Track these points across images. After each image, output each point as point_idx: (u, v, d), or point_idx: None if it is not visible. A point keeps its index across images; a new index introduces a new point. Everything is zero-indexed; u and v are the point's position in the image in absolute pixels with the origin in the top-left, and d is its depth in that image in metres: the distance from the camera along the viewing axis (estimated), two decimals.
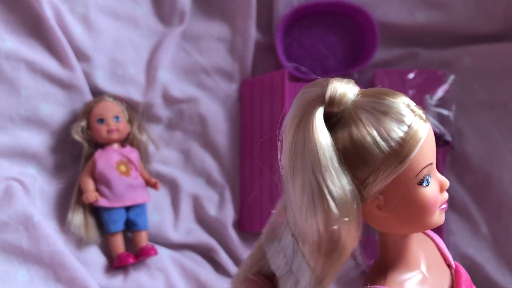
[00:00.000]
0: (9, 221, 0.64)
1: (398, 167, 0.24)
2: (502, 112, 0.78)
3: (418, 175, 0.25)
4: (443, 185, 0.26)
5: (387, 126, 0.24)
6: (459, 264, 0.30)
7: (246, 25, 0.78)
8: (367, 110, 0.25)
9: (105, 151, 0.72)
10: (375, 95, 0.26)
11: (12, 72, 0.69)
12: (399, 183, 0.25)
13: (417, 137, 0.24)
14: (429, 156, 0.25)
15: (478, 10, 0.79)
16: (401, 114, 0.24)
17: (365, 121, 0.25)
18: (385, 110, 0.25)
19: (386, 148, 0.24)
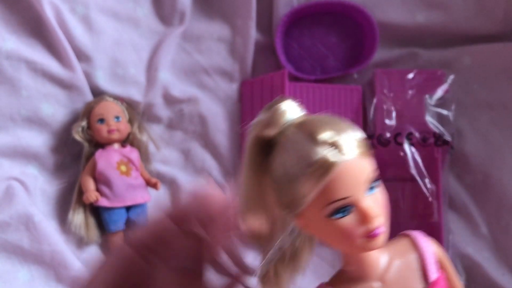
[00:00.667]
0: (10, 221, 0.64)
1: (305, 198, 0.25)
2: (502, 112, 0.78)
3: (328, 208, 0.25)
4: (365, 216, 0.25)
5: (299, 159, 0.24)
6: (441, 280, 0.29)
7: (246, 26, 0.78)
8: (290, 140, 0.25)
9: (105, 151, 0.72)
10: (303, 126, 0.25)
11: (13, 72, 0.69)
12: (310, 212, 0.25)
13: (323, 173, 0.24)
14: (346, 190, 0.24)
15: (478, 11, 0.79)
16: (310, 149, 0.24)
17: (284, 150, 0.25)
18: (302, 142, 0.25)
19: (296, 180, 0.24)
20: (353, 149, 0.25)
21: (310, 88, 0.76)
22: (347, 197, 0.25)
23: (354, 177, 0.25)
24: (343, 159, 0.25)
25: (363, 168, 0.26)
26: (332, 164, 0.24)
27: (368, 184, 0.26)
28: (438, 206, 0.73)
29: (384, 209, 0.27)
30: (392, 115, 0.75)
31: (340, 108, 0.77)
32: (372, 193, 0.26)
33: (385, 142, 0.74)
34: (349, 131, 0.26)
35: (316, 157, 0.24)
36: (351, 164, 0.25)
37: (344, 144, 0.25)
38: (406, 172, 0.74)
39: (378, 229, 0.26)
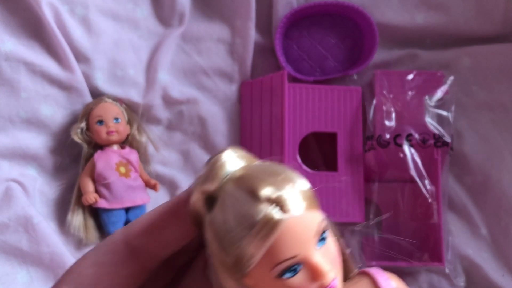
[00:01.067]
0: (9, 222, 0.64)
1: (250, 261, 0.23)
2: (501, 113, 0.78)
3: (275, 269, 0.23)
4: (316, 274, 0.23)
5: (241, 218, 0.23)
6: None
7: (246, 27, 0.78)
8: (230, 196, 0.24)
9: (104, 152, 0.72)
10: (243, 180, 0.24)
11: (12, 73, 0.69)
12: (258, 273, 0.23)
13: (267, 233, 0.22)
14: (293, 249, 0.23)
15: (477, 12, 0.79)
16: (251, 206, 0.23)
17: (224, 207, 0.24)
18: (242, 200, 0.23)
19: (239, 241, 0.23)
20: (298, 203, 0.23)
21: (310, 89, 0.76)
22: (295, 256, 0.23)
23: (301, 234, 0.23)
24: (287, 216, 0.23)
25: (310, 222, 0.24)
26: (276, 223, 0.23)
27: (318, 237, 0.24)
28: (438, 207, 0.73)
29: (336, 260, 0.25)
30: (392, 116, 0.75)
31: (339, 109, 0.77)
32: (322, 245, 0.24)
33: (385, 143, 0.74)
34: (292, 183, 0.24)
35: (258, 216, 0.23)
36: (297, 220, 0.23)
37: (287, 199, 0.23)
38: (406, 173, 0.74)
39: (331, 284, 0.24)
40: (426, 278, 0.75)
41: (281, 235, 0.23)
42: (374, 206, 0.76)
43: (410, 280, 0.75)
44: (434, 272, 0.75)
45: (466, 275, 0.74)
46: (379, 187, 0.76)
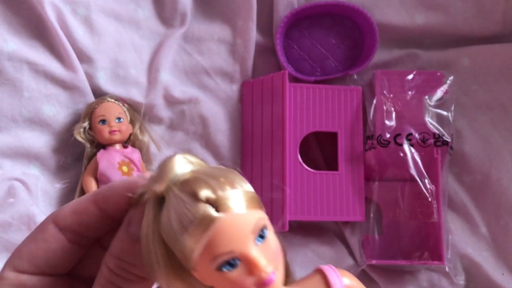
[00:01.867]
0: (11, 221, 0.64)
1: (192, 255, 0.25)
2: (501, 112, 0.78)
3: (214, 262, 0.25)
4: (252, 267, 0.25)
5: (182, 216, 0.25)
6: None
7: (247, 27, 0.79)
8: (174, 197, 0.26)
9: (107, 151, 0.72)
10: (186, 183, 0.26)
11: (15, 73, 0.69)
12: (201, 266, 0.25)
13: (204, 230, 0.25)
14: (229, 244, 0.25)
15: (477, 12, 0.79)
16: (192, 207, 0.25)
17: (170, 207, 0.26)
18: (184, 200, 0.25)
19: (181, 237, 0.25)
20: (236, 203, 0.25)
21: (310, 89, 0.77)
22: (231, 251, 0.25)
23: (237, 231, 0.25)
24: (222, 215, 0.25)
25: (248, 220, 0.25)
26: (212, 220, 0.25)
27: (256, 234, 0.26)
28: (438, 206, 0.73)
29: (276, 257, 0.27)
30: (392, 116, 0.76)
31: (340, 109, 0.77)
32: (262, 242, 0.26)
33: (385, 142, 0.75)
34: (232, 185, 0.26)
35: (196, 214, 0.25)
36: (233, 219, 0.25)
37: (224, 199, 0.25)
38: (406, 172, 0.74)
39: (268, 279, 0.26)
40: (426, 277, 0.75)
41: (218, 231, 0.25)
42: (374, 205, 0.77)
43: (410, 278, 0.75)
44: (434, 270, 0.75)
45: (466, 273, 0.74)
46: (379, 186, 0.76)
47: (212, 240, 0.25)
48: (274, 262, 0.26)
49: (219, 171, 0.27)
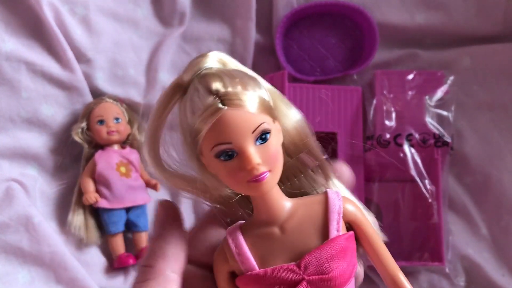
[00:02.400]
0: (9, 222, 0.64)
1: (196, 138, 0.28)
2: (501, 112, 0.78)
3: (214, 149, 0.28)
4: (245, 162, 0.28)
5: (195, 104, 0.28)
6: (342, 239, 0.29)
7: (246, 26, 0.78)
8: (193, 88, 0.29)
9: (105, 152, 0.72)
10: (205, 76, 0.29)
11: (13, 73, 0.69)
12: (204, 152, 0.29)
13: (208, 117, 0.28)
14: (228, 136, 0.28)
15: (477, 11, 0.79)
16: (204, 96, 0.28)
17: (188, 96, 0.29)
18: (199, 91, 0.28)
19: (190, 120, 0.28)
20: (242, 102, 0.28)
21: (310, 89, 0.76)
22: (229, 142, 0.28)
23: (237, 126, 0.28)
24: (227, 108, 0.27)
25: (249, 120, 0.28)
26: (216, 110, 0.27)
27: (255, 135, 0.28)
28: (438, 207, 0.73)
29: (273, 160, 0.29)
30: (392, 116, 0.75)
31: (340, 109, 0.77)
32: (261, 144, 0.28)
33: (385, 143, 0.74)
34: (246, 86, 0.28)
35: (204, 103, 0.28)
36: (237, 114, 0.28)
37: (232, 95, 0.28)
38: (406, 173, 0.74)
39: (260, 176, 0.28)
40: (427, 278, 0.75)
41: (220, 122, 0.27)
42: (374, 206, 0.76)
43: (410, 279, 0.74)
44: (434, 271, 0.75)
45: (466, 274, 0.74)
46: (379, 187, 0.76)
47: (215, 129, 0.28)
48: (270, 164, 0.29)
49: (241, 73, 0.30)
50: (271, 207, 0.30)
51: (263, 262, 0.29)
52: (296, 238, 0.29)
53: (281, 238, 0.30)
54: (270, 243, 0.30)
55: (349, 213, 0.31)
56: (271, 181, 0.29)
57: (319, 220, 0.30)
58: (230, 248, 0.30)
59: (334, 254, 0.29)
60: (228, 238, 0.30)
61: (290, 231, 0.30)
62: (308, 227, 0.30)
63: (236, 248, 0.30)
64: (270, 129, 0.29)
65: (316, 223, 0.30)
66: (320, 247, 0.29)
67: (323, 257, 0.28)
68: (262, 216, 0.30)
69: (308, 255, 0.29)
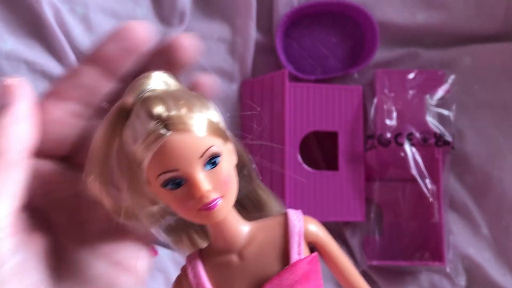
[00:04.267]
0: None
1: (140, 167, 0.27)
2: (502, 112, 0.78)
3: (160, 178, 0.26)
4: (193, 190, 0.26)
5: (137, 131, 0.26)
6: (304, 263, 0.28)
7: (246, 26, 0.78)
8: (135, 112, 0.27)
9: None
10: (147, 99, 0.27)
11: (12, 72, 0.69)
12: (150, 180, 0.27)
13: (150, 144, 0.26)
14: (174, 163, 0.26)
15: (478, 10, 0.78)
16: (145, 122, 0.26)
17: (130, 121, 0.27)
18: (141, 116, 0.27)
19: (133, 149, 0.26)
20: (188, 126, 0.26)
21: (311, 88, 0.76)
22: (175, 170, 0.26)
23: (183, 151, 0.26)
24: (171, 133, 0.26)
25: (195, 145, 0.26)
26: (158, 137, 0.26)
27: (203, 159, 0.27)
28: (439, 206, 0.73)
29: (224, 184, 0.27)
30: (393, 115, 0.75)
31: (340, 108, 0.77)
32: (211, 169, 0.27)
33: (386, 142, 0.74)
34: (191, 110, 0.27)
35: (145, 130, 0.26)
36: (181, 139, 0.26)
37: (176, 120, 0.26)
38: (407, 172, 0.74)
39: (211, 203, 0.27)
40: (427, 278, 0.75)
41: (165, 148, 0.26)
42: (374, 206, 0.76)
43: (411, 279, 0.75)
44: (435, 271, 0.74)
45: (467, 274, 0.74)
46: (380, 186, 0.76)
47: (159, 156, 0.26)
48: (222, 189, 0.27)
49: (187, 94, 0.28)
50: (227, 234, 0.28)
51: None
52: (255, 265, 0.28)
53: (240, 266, 0.28)
54: (229, 272, 0.28)
55: (311, 233, 0.29)
56: (224, 208, 0.27)
57: (279, 244, 0.28)
58: (189, 279, 0.28)
59: (296, 280, 0.27)
60: (188, 267, 0.29)
61: (249, 258, 0.28)
62: (268, 252, 0.28)
63: (195, 279, 0.28)
64: (220, 152, 0.27)
65: (276, 248, 0.28)
66: (280, 273, 0.27)
67: (284, 284, 0.27)
68: (219, 243, 0.29)
69: (269, 283, 0.27)
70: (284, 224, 0.29)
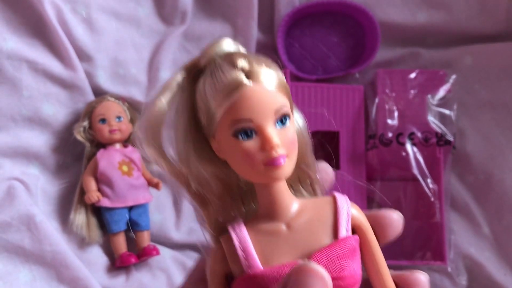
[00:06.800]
0: (11, 221, 0.64)
1: (216, 115, 0.27)
2: (503, 111, 0.78)
3: (233, 127, 0.27)
4: (265, 143, 0.27)
5: (217, 80, 0.27)
6: (352, 240, 0.28)
7: (248, 25, 0.78)
8: (214, 65, 0.28)
9: (107, 151, 0.72)
10: (229, 54, 0.28)
11: (14, 72, 0.69)
12: (221, 131, 0.28)
13: (232, 91, 0.27)
14: (249, 112, 0.27)
15: (479, 10, 0.79)
16: (228, 71, 0.27)
17: (208, 74, 0.28)
18: (222, 67, 0.28)
19: (210, 98, 0.27)
20: (267, 80, 0.27)
21: (312, 88, 0.76)
22: (250, 120, 0.27)
23: (260, 103, 0.27)
24: (252, 83, 0.27)
25: (272, 99, 0.27)
26: (240, 84, 0.27)
27: (276, 116, 0.27)
28: (440, 206, 0.73)
29: (291, 146, 0.28)
30: (394, 115, 0.75)
31: (342, 107, 0.77)
32: (281, 127, 0.28)
33: (387, 142, 0.74)
34: (269, 68, 0.28)
35: (228, 77, 0.27)
36: (260, 91, 0.27)
37: (257, 72, 0.27)
38: (408, 172, 0.74)
39: (278, 159, 0.27)
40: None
41: (242, 97, 0.27)
42: (376, 205, 0.76)
43: None
44: (436, 270, 0.75)
45: (468, 273, 0.74)
46: (381, 186, 0.76)
47: (237, 104, 0.27)
48: (288, 149, 0.28)
49: (262, 56, 0.29)
50: (279, 200, 0.29)
51: (266, 260, 0.28)
52: (304, 236, 0.28)
53: (288, 235, 0.28)
54: (275, 241, 0.28)
55: (356, 217, 0.30)
56: (288, 167, 0.28)
57: (328, 220, 0.29)
58: (233, 243, 0.28)
59: (346, 254, 0.28)
60: (232, 233, 0.28)
61: (297, 229, 0.28)
62: (317, 226, 0.28)
63: (240, 244, 0.28)
64: (290, 114, 0.28)
65: (325, 223, 0.29)
66: (330, 245, 0.28)
67: (334, 255, 0.27)
68: (269, 210, 0.29)
69: (318, 253, 0.27)
70: (333, 204, 0.29)
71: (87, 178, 0.70)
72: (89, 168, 0.71)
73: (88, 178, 0.70)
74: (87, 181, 0.70)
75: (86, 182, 0.70)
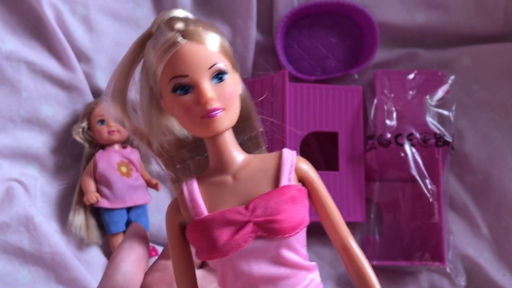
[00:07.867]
0: (10, 222, 0.64)
1: (155, 73, 0.30)
2: (502, 112, 0.78)
3: (171, 82, 0.29)
4: (199, 97, 0.29)
5: (157, 41, 0.30)
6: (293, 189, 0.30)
7: (247, 26, 0.78)
8: (158, 31, 0.31)
9: (106, 152, 0.72)
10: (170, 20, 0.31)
11: (13, 73, 0.69)
12: (163, 89, 0.30)
13: (167, 49, 0.29)
14: (185, 68, 0.29)
15: (478, 11, 0.79)
16: (165, 33, 0.30)
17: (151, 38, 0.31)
18: (163, 30, 0.30)
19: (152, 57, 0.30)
20: (202, 39, 0.30)
21: (311, 88, 0.76)
22: (185, 75, 0.29)
23: (194, 60, 0.29)
24: (187, 42, 0.29)
25: (208, 57, 0.29)
26: (175, 43, 0.29)
27: (212, 72, 0.29)
28: (439, 206, 0.73)
29: (228, 100, 0.30)
30: (393, 115, 0.75)
31: (340, 108, 0.77)
32: (217, 83, 0.30)
33: (386, 142, 0.74)
34: (207, 29, 0.30)
35: (165, 38, 0.29)
36: (195, 49, 0.29)
37: (192, 32, 0.30)
38: (407, 172, 0.74)
39: (212, 111, 0.29)
40: (427, 278, 0.75)
41: (179, 54, 0.29)
42: (375, 206, 0.76)
43: (411, 279, 0.75)
44: (435, 271, 0.75)
45: (467, 274, 0.74)
46: (380, 187, 0.76)
47: (173, 60, 0.29)
48: (225, 103, 0.30)
49: (207, 23, 0.31)
50: (224, 152, 0.31)
51: (212, 208, 0.30)
52: (247, 185, 0.30)
53: (233, 185, 0.31)
54: (222, 190, 0.31)
55: (302, 169, 0.32)
56: (224, 120, 0.30)
57: (272, 170, 0.31)
58: (183, 195, 0.31)
59: (283, 200, 0.29)
60: (183, 186, 0.31)
61: (242, 179, 0.31)
62: (261, 176, 0.31)
63: (189, 195, 0.31)
64: (227, 71, 0.30)
65: (268, 173, 0.31)
66: (269, 192, 0.30)
67: (271, 200, 0.29)
68: (217, 164, 0.31)
69: (257, 198, 0.29)
70: (279, 157, 0.31)
71: (86, 179, 0.71)
72: (88, 169, 0.71)
73: (87, 179, 0.70)
74: (86, 182, 0.70)
75: (85, 183, 0.70)
